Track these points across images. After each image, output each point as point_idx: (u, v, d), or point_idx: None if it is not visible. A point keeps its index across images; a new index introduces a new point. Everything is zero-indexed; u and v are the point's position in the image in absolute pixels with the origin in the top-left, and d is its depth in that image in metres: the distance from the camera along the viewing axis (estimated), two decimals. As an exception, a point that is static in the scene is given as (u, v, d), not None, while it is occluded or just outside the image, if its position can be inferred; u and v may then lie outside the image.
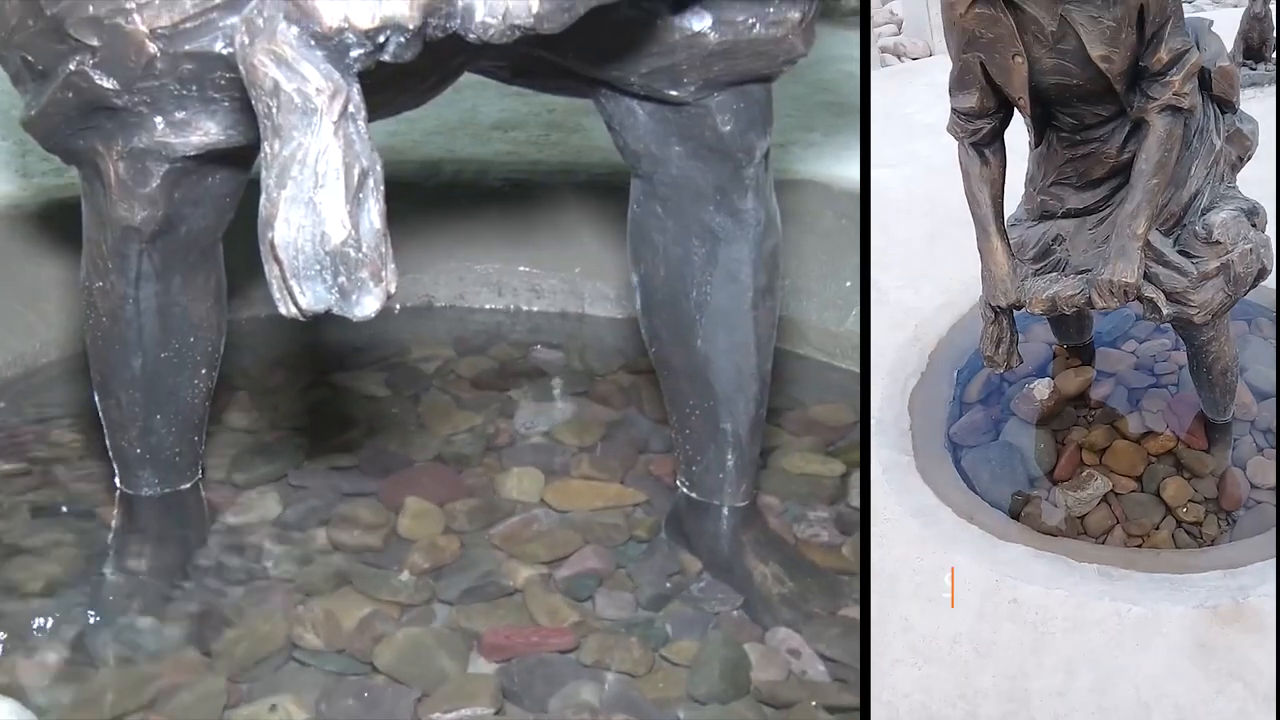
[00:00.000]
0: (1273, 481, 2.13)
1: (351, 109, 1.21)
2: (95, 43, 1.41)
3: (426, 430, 2.17)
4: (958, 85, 1.95)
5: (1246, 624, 1.85)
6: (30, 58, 1.48)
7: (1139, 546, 2.08)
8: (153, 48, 1.39)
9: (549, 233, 2.57)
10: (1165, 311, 1.99)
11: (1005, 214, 2.10)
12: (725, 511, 1.90)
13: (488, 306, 2.58)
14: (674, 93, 1.59)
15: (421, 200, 2.60)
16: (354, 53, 1.19)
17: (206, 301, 1.75)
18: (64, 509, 1.93)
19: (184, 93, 1.44)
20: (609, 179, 1.82)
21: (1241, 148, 2.08)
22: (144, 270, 1.66)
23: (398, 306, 2.50)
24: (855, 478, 2.07)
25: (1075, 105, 1.94)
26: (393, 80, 1.42)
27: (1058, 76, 1.86)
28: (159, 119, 1.48)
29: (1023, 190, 2.16)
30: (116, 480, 1.88)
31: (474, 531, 1.91)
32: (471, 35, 1.24)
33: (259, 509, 1.94)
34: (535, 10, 1.24)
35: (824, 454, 2.13)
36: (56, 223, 2.38)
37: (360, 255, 1.21)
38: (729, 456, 1.87)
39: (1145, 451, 2.25)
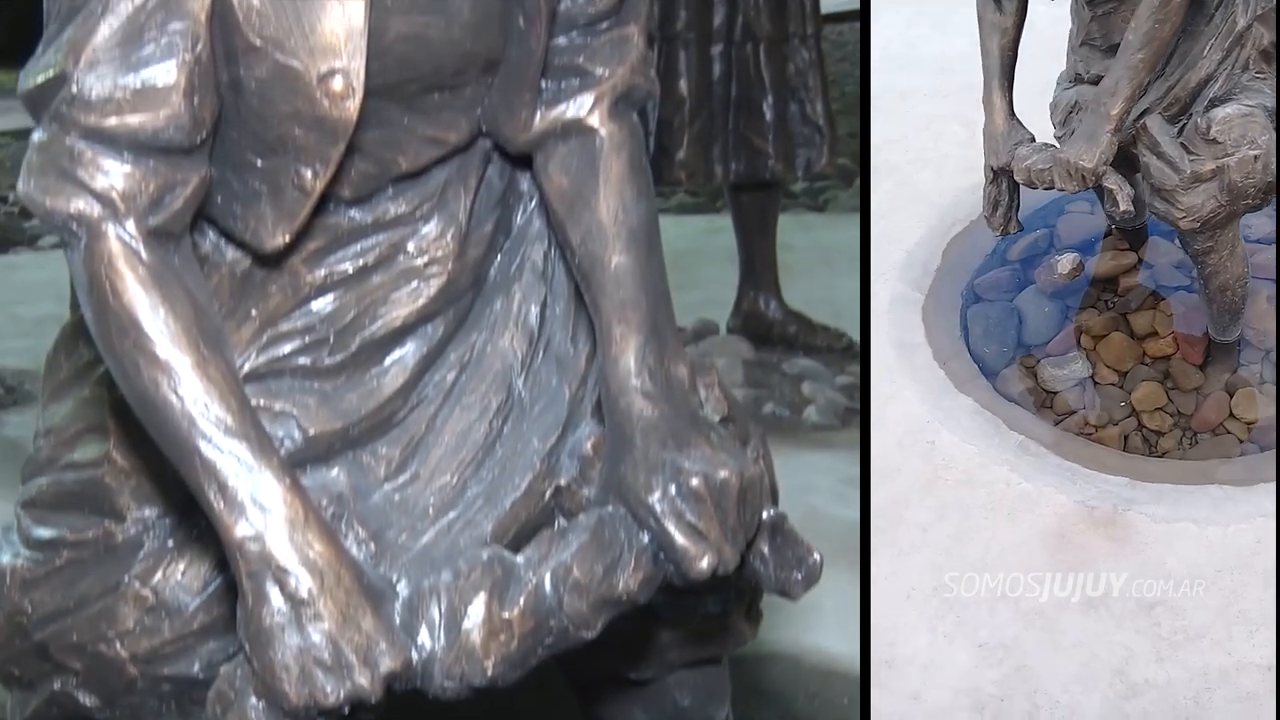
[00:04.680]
0: (1254, 416, 2.01)
1: None
2: (78, 666, 1.44)
3: None
4: None
5: (1111, 532, 1.85)
6: (16, 672, 1.51)
7: (1089, 437, 2.01)
8: (133, 670, 1.42)
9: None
10: (1123, 207, 1.83)
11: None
12: None
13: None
14: (633, 675, 1.62)
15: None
16: None
17: None
18: None
19: (163, 708, 1.47)
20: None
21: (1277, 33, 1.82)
22: None
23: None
24: None
25: None
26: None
27: None
28: None
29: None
30: None
31: None
32: (431, 694, 1.29)
33: None
34: (490, 674, 1.26)
35: None
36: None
37: None
38: None
39: (1141, 350, 2.15)
